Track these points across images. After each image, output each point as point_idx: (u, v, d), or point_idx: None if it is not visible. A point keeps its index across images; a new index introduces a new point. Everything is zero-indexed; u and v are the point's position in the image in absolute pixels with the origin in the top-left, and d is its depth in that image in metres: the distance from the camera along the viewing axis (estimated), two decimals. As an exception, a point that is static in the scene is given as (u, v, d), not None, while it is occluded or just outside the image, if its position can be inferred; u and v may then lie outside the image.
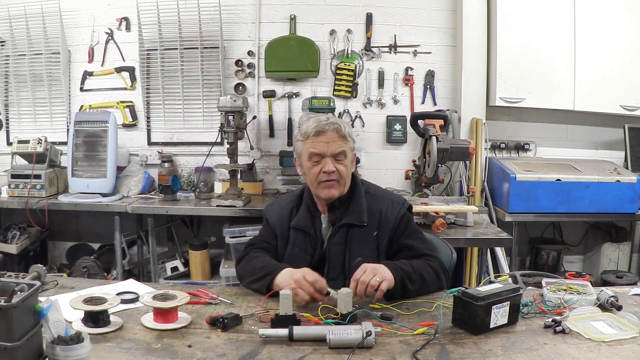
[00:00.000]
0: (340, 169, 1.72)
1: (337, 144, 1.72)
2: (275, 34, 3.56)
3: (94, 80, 3.67)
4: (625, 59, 3.46)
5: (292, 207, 1.85)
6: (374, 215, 1.78)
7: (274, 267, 1.61)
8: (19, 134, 3.48)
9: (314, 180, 1.74)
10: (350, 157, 1.77)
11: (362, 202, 1.79)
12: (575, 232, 3.80)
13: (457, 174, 3.51)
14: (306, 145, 1.74)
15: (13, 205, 3.21)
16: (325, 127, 1.71)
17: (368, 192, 1.84)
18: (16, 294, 1.02)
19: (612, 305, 1.50)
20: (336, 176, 1.72)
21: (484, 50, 3.52)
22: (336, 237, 1.77)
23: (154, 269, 3.30)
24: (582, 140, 3.81)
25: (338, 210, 1.79)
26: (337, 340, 1.25)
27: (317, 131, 1.71)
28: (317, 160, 1.73)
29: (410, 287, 1.58)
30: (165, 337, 1.32)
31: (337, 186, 1.73)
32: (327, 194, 1.74)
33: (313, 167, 1.73)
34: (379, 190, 1.89)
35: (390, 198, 1.86)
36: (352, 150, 1.78)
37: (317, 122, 1.73)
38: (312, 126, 1.73)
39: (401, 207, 1.81)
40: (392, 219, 1.78)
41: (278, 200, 1.97)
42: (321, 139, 1.71)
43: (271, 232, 1.86)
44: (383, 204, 1.81)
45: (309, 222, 1.80)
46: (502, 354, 1.25)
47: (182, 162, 3.69)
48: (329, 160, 1.71)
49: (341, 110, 3.64)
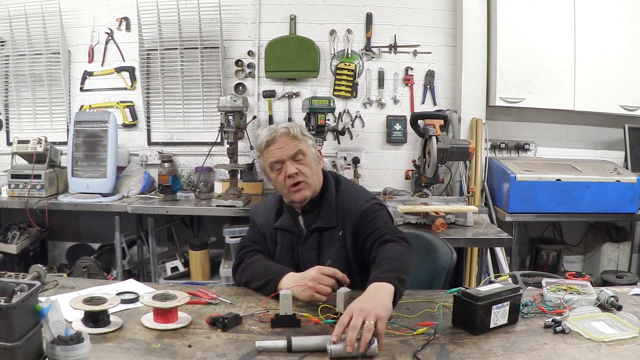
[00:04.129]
0: (303, 169, 1.72)
1: (291, 145, 1.73)
2: (275, 34, 3.56)
3: (94, 80, 3.67)
4: (625, 59, 3.46)
5: (277, 209, 1.85)
6: (340, 214, 1.77)
7: (275, 274, 1.61)
8: (19, 134, 3.48)
9: (283, 188, 1.75)
10: (311, 155, 1.76)
11: (331, 203, 1.78)
12: (575, 232, 3.80)
13: (457, 174, 3.51)
14: (265, 158, 1.76)
15: (13, 205, 3.21)
16: (274, 134, 1.74)
17: (338, 190, 1.82)
18: (16, 294, 1.02)
19: (612, 305, 1.50)
20: (301, 177, 1.72)
21: (484, 50, 3.52)
22: (308, 242, 1.77)
23: (154, 269, 3.30)
24: (582, 140, 3.81)
25: (311, 213, 1.79)
26: (338, 350, 1.20)
27: (267, 141, 1.74)
28: (279, 167, 1.74)
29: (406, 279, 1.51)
30: (165, 337, 1.31)
31: (306, 186, 1.73)
32: (299, 197, 1.73)
33: (277, 175, 1.75)
34: (349, 187, 1.86)
35: (357, 195, 1.81)
36: (311, 147, 1.78)
37: (267, 131, 1.76)
38: (262, 137, 1.76)
39: (364, 203, 1.77)
40: (354, 215, 1.75)
41: (263, 202, 1.96)
42: (274, 147, 1.73)
43: (260, 233, 1.86)
44: (349, 201, 1.78)
45: (292, 221, 1.81)
46: (502, 354, 1.25)
47: (182, 162, 3.69)
48: (289, 163, 1.72)
49: (341, 110, 3.64)
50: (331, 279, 1.50)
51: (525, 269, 3.71)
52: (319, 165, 1.81)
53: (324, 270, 1.51)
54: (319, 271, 1.51)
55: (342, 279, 1.51)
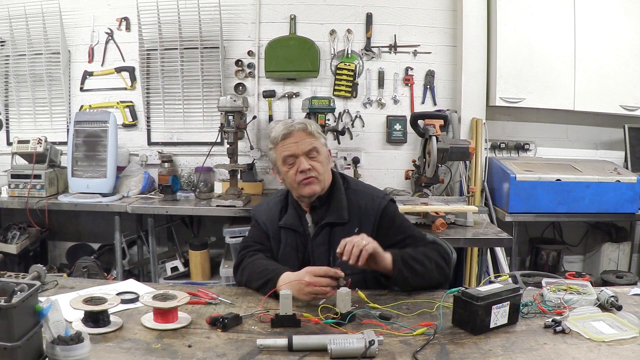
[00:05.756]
0: (316, 166, 1.75)
1: (307, 141, 1.75)
2: (275, 34, 3.56)
3: (94, 80, 3.67)
4: (625, 58, 3.46)
5: (281, 207, 1.86)
6: (355, 211, 1.79)
7: (273, 273, 1.61)
8: (19, 134, 3.47)
9: (293, 182, 1.76)
10: (324, 153, 1.79)
11: (342, 199, 1.80)
12: (575, 232, 3.80)
13: (457, 174, 3.51)
14: (278, 151, 1.78)
15: (13, 205, 3.21)
16: (291, 129, 1.75)
17: (348, 188, 1.84)
18: (16, 294, 1.02)
19: (612, 305, 1.50)
20: (314, 173, 1.74)
21: (484, 50, 3.52)
22: (319, 237, 1.78)
23: (154, 269, 3.30)
24: (582, 140, 3.80)
25: (320, 209, 1.80)
26: (338, 350, 1.21)
27: (285, 134, 1.75)
28: (291, 162, 1.75)
29: (415, 266, 1.60)
30: (165, 337, 1.32)
31: (317, 182, 1.75)
32: (309, 191, 1.75)
33: (289, 170, 1.76)
34: (359, 185, 1.90)
35: (370, 192, 1.85)
36: (324, 146, 1.81)
37: (283, 125, 1.78)
38: (278, 130, 1.77)
39: (381, 200, 1.81)
40: (372, 214, 1.78)
41: (266, 201, 1.97)
42: (290, 141, 1.75)
43: (263, 232, 1.86)
44: (363, 198, 1.81)
45: (297, 220, 1.82)
46: (502, 354, 1.25)
47: (182, 162, 3.69)
48: (303, 158, 1.74)
49: (341, 110, 3.64)
50: (325, 278, 1.50)
51: (525, 269, 3.71)
52: (329, 164, 1.84)
53: (315, 271, 1.51)
54: (312, 273, 1.51)
55: (335, 275, 1.51)
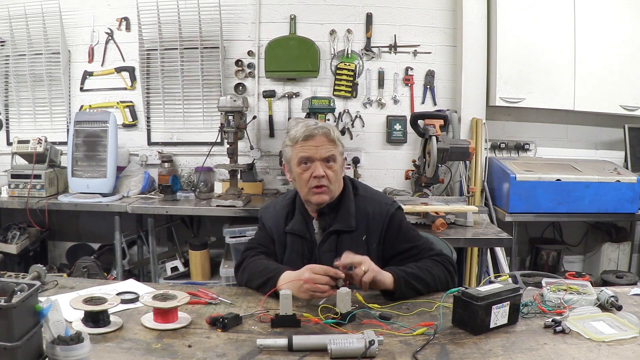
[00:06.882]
0: (330, 175, 1.71)
1: (327, 147, 1.71)
2: (275, 34, 3.56)
3: (94, 80, 3.67)
4: (625, 58, 3.46)
5: (288, 212, 1.84)
6: (362, 218, 1.76)
7: (274, 272, 1.61)
8: (19, 134, 3.47)
9: (304, 186, 1.73)
10: (340, 162, 1.76)
11: (350, 207, 1.77)
12: (575, 232, 3.80)
13: (457, 174, 3.51)
14: (295, 150, 1.73)
15: (13, 205, 3.21)
16: (315, 132, 1.70)
17: (357, 194, 1.82)
18: (16, 294, 1.02)
19: (612, 305, 1.49)
20: (326, 182, 1.70)
21: (484, 50, 3.52)
22: (326, 244, 1.76)
23: (154, 269, 3.30)
24: (582, 140, 3.81)
25: (327, 216, 1.77)
26: (338, 350, 1.21)
27: (307, 135, 1.70)
28: (307, 165, 1.72)
29: (417, 286, 1.59)
30: (165, 337, 1.31)
31: (327, 192, 1.72)
32: (318, 200, 1.72)
33: (303, 172, 1.72)
34: (368, 191, 1.86)
35: (378, 199, 1.82)
36: (341, 154, 1.77)
37: (306, 126, 1.73)
38: (301, 130, 1.72)
39: (389, 208, 1.78)
40: (380, 221, 1.76)
41: (273, 203, 1.94)
42: (310, 143, 1.71)
43: (268, 236, 1.85)
44: (371, 205, 1.78)
45: (304, 226, 1.79)
46: (502, 354, 1.25)
47: (182, 162, 3.69)
48: (319, 164, 1.70)
49: (341, 110, 3.64)
50: (324, 277, 1.49)
51: (525, 269, 3.70)
52: (343, 172, 1.81)
53: (316, 269, 1.50)
54: (311, 271, 1.50)
55: (335, 275, 1.50)
